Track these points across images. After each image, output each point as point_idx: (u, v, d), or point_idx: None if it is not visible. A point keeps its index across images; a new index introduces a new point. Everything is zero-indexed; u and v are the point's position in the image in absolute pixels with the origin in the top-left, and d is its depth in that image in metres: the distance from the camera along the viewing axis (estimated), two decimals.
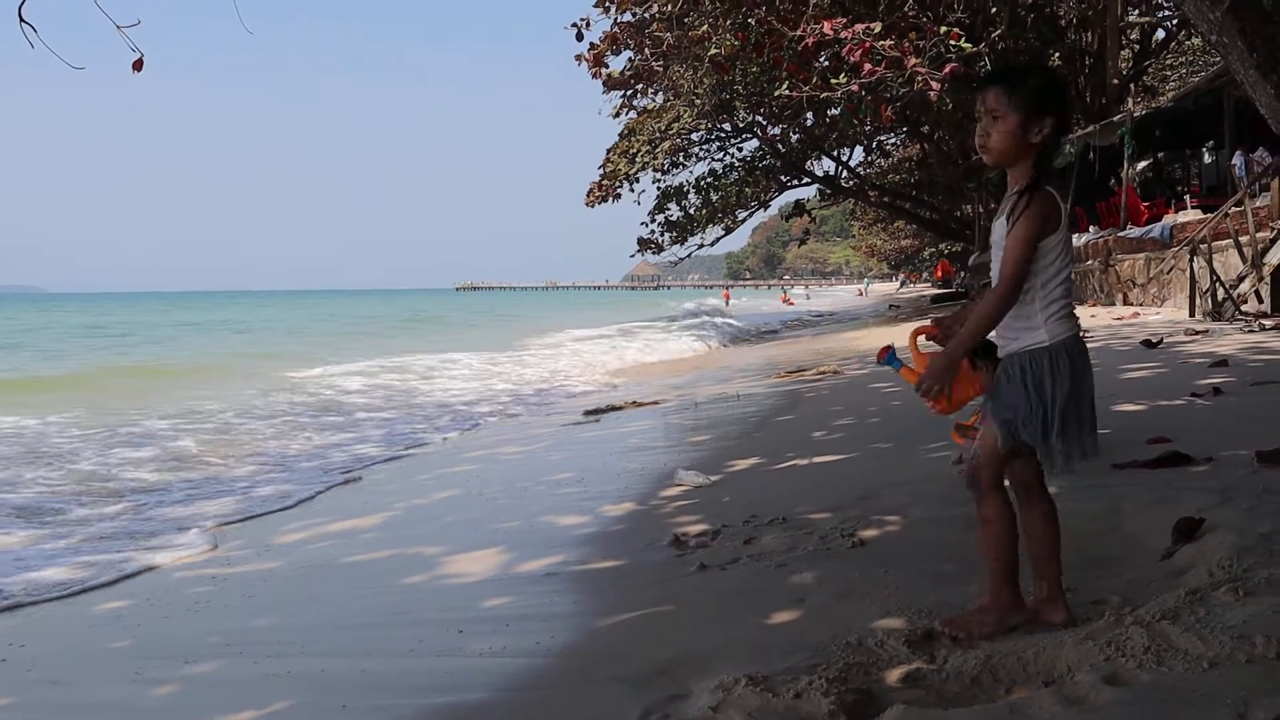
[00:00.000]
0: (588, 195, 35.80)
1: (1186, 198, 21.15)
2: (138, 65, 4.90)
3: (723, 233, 39.05)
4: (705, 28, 17.04)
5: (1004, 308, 2.93)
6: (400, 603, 4.59)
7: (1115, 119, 22.63)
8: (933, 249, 67.22)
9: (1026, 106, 2.90)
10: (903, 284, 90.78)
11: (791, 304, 68.48)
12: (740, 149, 38.33)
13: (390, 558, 5.42)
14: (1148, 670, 2.61)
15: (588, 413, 11.78)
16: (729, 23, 17.03)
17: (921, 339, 3.34)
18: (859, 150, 40.89)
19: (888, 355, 3.35)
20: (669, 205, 37.78)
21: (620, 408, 11.94)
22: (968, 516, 4.58)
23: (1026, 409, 2.95)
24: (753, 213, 40.11)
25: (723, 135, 37.17)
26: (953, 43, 15.94)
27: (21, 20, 4.13)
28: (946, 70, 15.70)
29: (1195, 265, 16.31)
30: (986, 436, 3.08)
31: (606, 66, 19.43)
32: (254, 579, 5.26)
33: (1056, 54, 25.46)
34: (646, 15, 17.19)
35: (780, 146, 36.75)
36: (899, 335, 20.77)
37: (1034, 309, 2.97)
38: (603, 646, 3.53)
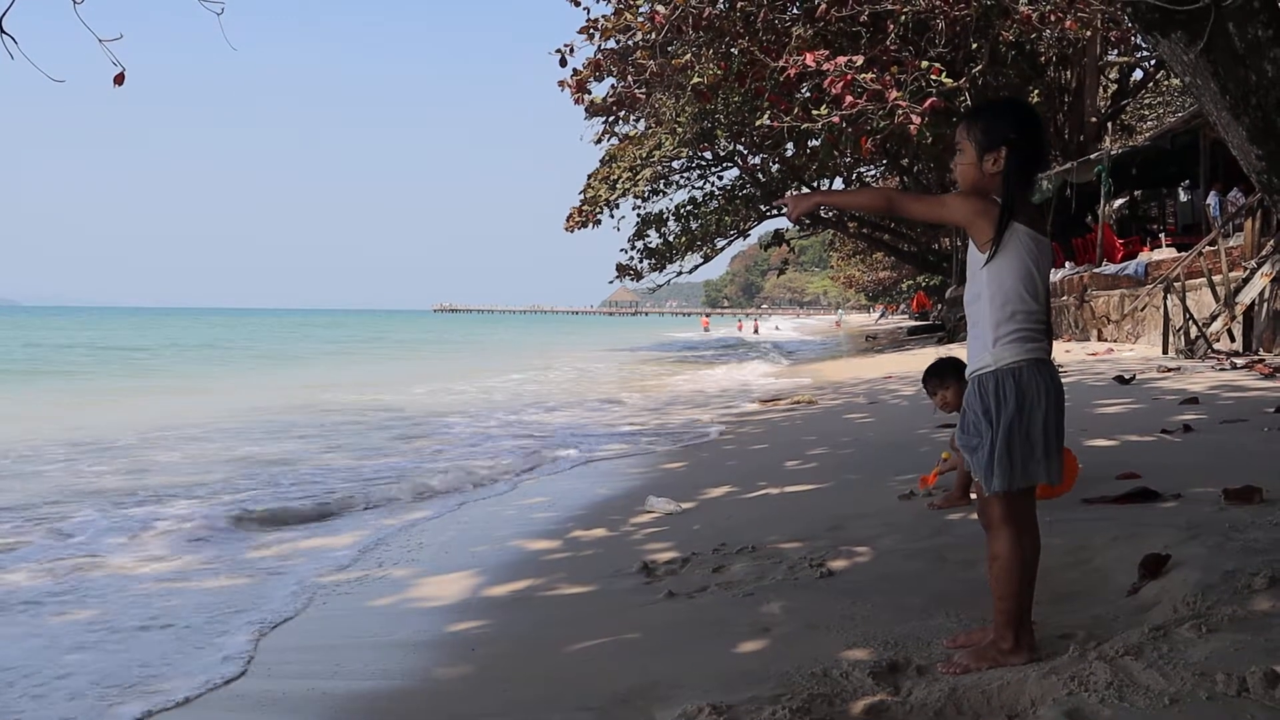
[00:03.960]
0: (567, 220, 35.83)
1: (1162, 236, 21.30)
2: (119, 79, 4.87)
3: (701, 261, 39.18)
4: (688, 56, 17.15)
5: (881, 201, 3.57)
6: (367, 625, 4.55)
7: (1093, 156, 22.83)
8: (910, 281, 67.48)
9: (979, 140, 3.03)
10: (880, 315, 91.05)
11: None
12: (720, 177, 38.49)
13: (360, 579, 5.38)
14: (1109, 705, 2.60)
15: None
16: (712, 52, 17.16)
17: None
18: (839, 181, 41.11)
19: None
20: (648, 232, 37.85)
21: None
22: (936, 549, 4.60)
23: (976, 434, 2.98)
24: (731, 241, 40.22)
25: (703, 163, 37.31)
26: (934, 77, 16.12)
27: (2, 32, 4.11)
28: (927, 104, 15.87)
29: (1169, 303, 16.43)
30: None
31: (589, 92, 19.58)
32: (224, 595, 5.20)
33: (1036, 91, 25.70)
34: (630, 43, 17.31)
35: (760, 176, 36.90)
36: (874, 367, 20.70)
37: (986, 332, 2.99)
38: (568, 673, 3.51)
